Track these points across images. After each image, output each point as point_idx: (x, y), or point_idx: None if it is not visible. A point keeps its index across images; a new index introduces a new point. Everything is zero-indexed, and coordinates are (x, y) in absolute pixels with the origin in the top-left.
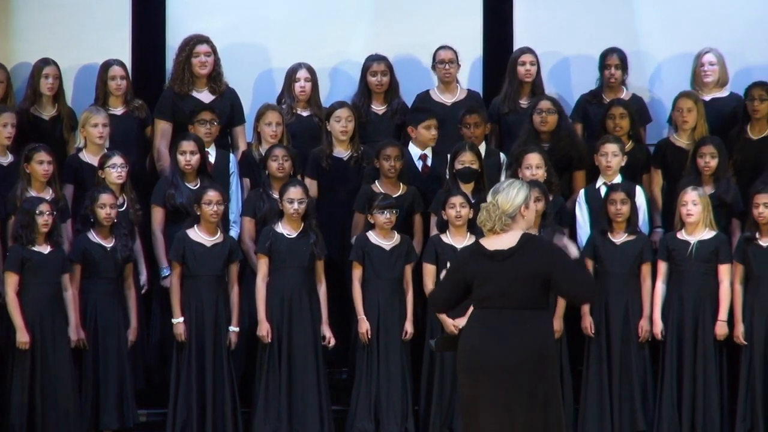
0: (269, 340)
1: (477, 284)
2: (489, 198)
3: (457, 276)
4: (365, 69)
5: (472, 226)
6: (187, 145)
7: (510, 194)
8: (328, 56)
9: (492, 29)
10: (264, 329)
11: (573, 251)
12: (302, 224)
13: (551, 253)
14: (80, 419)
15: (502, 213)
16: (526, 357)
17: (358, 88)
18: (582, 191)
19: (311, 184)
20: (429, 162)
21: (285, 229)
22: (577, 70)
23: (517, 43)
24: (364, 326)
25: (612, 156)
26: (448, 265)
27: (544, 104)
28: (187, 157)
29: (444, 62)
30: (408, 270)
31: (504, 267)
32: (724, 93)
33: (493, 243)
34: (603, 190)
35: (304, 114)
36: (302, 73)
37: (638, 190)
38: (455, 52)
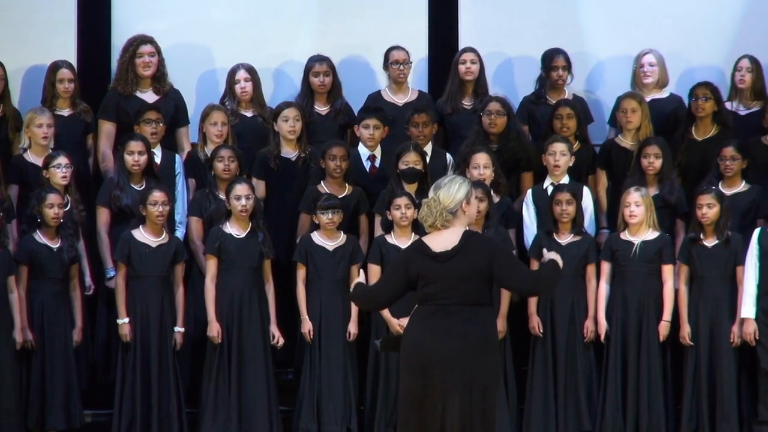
0: (219, 341)
1: (421, 284)
2: (430, 194)
3: (399, 275)
4: (307, 70)
5: (417, 227)
6: (135, 146)
7: (451, 190)
8: (273, 57)
9: (437, 30)
10: (214, 330)
11: (559, 260)
12: (250, 224)
13: (493, 249)
14: (21, 419)
15: (443, 208)
16: (470, 350)
17: (301, 88)
18: (529, 191)
19: (259, 185)
20: (377, 163)
21: (233, 229)
22: (521, 71)
23: (462, 44)
24: (307, 326)
25: (560, 155)
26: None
27: (494, 106)
28: (135, 157)
29: (398, 62)
30: (353, 270)
31: (448, 267)
32: (663, 94)
33: (437, 242)
34: (550, 190)
35: (248, 114)
36: (242, 74)
37: (585, 190)
38: (408, 53)
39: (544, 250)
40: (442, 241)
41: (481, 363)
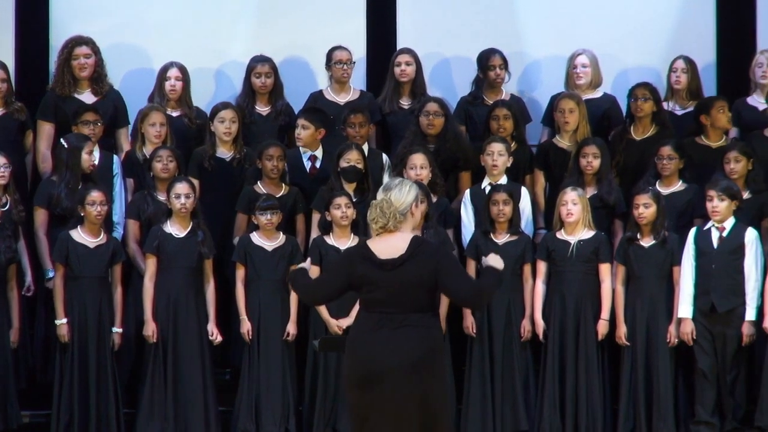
0: (154, 340)
1: (366, 290)
2: (380, 195)
3: (341, 277)
4: (249, 70)
5: (356, 227)
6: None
7: (402, 191)
8: (211, 57)
9: (375, 30)
10: (150, 329)
11: (499, 264)
12: (191, 224)
13: (440, 257)
14: None
15: (395, 210)
16: (418, 360)
17: (242, 89)
18: (467, 192)
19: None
20: (318, 163)
21: (173, 228)
22: (459, 72)
23: (401, 45)
24: (246, 326)
25: (498, 155)
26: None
27: (432, 106)
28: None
29: (341, 62)
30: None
31: (394, 275)
32: (597, 94)
33: (382, 248)
34: (488, 191)
35: (175, 114)
36: (173, 72)
37: (522, 191)
38: (350, 53)
39: (483, 258)
40: (389, 247)
41: (432, 372)
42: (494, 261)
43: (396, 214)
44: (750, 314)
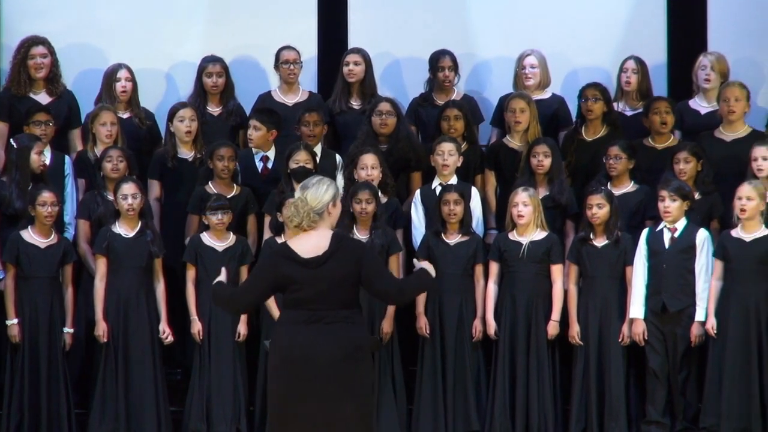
0: (105, 340)
1: (291, 289)
2: (297, 194)
3: (266, 280)
4: (201, 70)
5: None
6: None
7: (319, 191)
8: (163, 57)
9: (326, 31)
10: (101, 329)
11: (432, 272)
12: (139, 224)
13: (363, 253)
14: None
15: (310, 209)
16: (344, 355)
17: (193, 89)
18: (418, 192)
19: (154, 185)
20: (270, 164)
21: (122, 228)
22: (410, 72)
23: (352, 45)
24: (197, 327)
25: (448, 155)
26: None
27: (384, 106)
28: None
29: (288, 62)
30: (243, 271)
31: (320, 272)
32: (545, 95)
33: (304, 247)
34: (439, 191)
35: (125, 116)
36: (123, 73)
37: (473, 191)
38: (298, 53)
39: (415, 261)
40: (311, 245)
41: (358, 369)
42: (427, 266)
43: (310, 213)
44: (699, 315)
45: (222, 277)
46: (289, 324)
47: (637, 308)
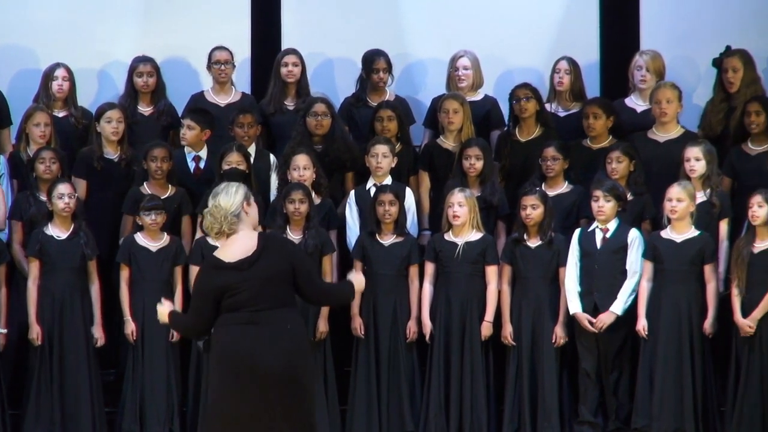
0: (39, 343)
1: (228, 295)
2: (210, 203)
3: (208, 297)
4: (131, 70)
5: None
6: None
7: (230, 194)
8: (96, 57)
9: (260, 31)
10: (34, 332)
11: (360, 287)
12: (72, 225)
13: (292, 251)
14: None
15: (226, 213)
16: (289, 356)
17: (124, 89)
18: (352, 193)
19: (80, 184)
20: (202, 164)
21: (55, 230)
22: (342, 72)
23: (285, 45)
24: (130, 327)
25: (382, 157)
26: None
27: (319, 107)
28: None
29: (219, 63)
30: (176, 271)
31: (251, 274)
32: (478, 96)
33: (231, 252)
34: (373, 192)
35: (61, 115)
36: (60, 72)
37: (407, 192)
38: (231, 53)
39: (353, 273)
40: (237, 249)
41: (301, 367)
42: (359, 281)
43: (227, 216)
44: (615, 307)
45: (167, 305)
46: (229, 324)
47: (575, 304)
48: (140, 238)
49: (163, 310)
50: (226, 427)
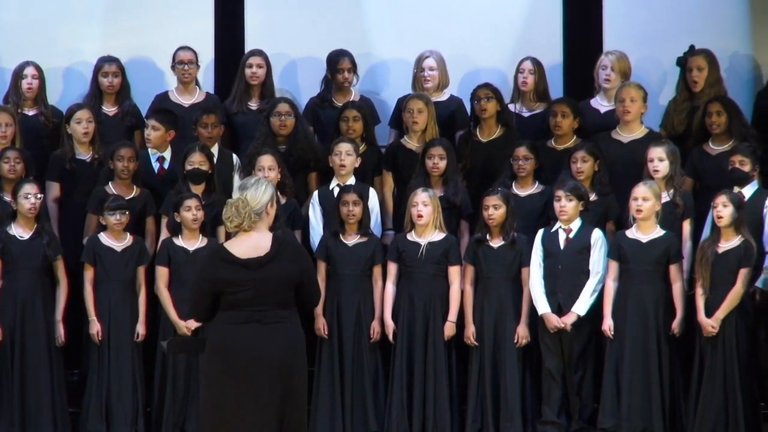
0: None
1: (231, 291)
2: (236, 194)
3: (209, 285)
4: (96, 70)
5: (204, 228)
6: None
7: (258, 191)
8: (61, 56)
9: (223, 31)
10: None
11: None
12: (35, 225)
13: (304, 261)
14: None
15: (250, 210)
16: (290, 354)
17: (89, 89)
18: (315, 193)
19: (53, 187)
20: (166, 164)
21: (18, 230)
22: (306, 72)
23: (249, 45)
24: (95, 327)
25: (346, 155)
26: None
27: (283, 107)
28: None
29: (183, 63)
30: (140, 271)
31: (260, 275)
32: (443, 96)
33: (243, 248)
34: (336, 192)
35: (30, 113)
36: (30, 71)
37: (371, 192)
38: (195, 53)
39: None
40: (251, 246)
41: (297, 368)
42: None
43: (251, 213)
44: (578, 307)
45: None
46: (227, 324)
47: (542, 304)
48: (104, 238)
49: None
50: (221, 415)
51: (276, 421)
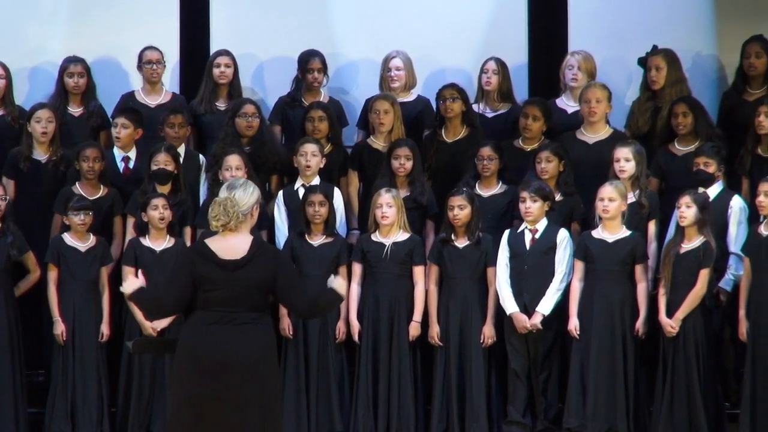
0: None
1: (205, 288)
2: (223, 193)
3: (183, 278)
4: (62, 70)
5: (172, 228)
6: None
7: (246, 192)
8: (27, 56)
9: (189, 31)
10: None
11: (342, 291)
12: (0, 225)
13: (280, 263)
14: None
15: (238, 210)
16: (260, 356)
17: (55, 89)
18: (280, 193)
19: (8, 184)
20: (131, 164)
21: None
22: (273, 72)
23: (215, 46)
24: (60, 328)
25: (311, 156)
26: None
27: (249, 108)
28: None
29: (151, 63)
30: (104, 272)
31: (235, 276)
32: (410, 96)
33: (223, 248)
34: (301, 192)
35: None
36: None
37: (336, 192)
38: (161, 53)
39: (331, 277)
40: (230, 247)
41: (267, 371)
42: (339, 285)
43: (239, 214)
44: (543, 306)
45: (140, 281)
46: (200, 325)
47: (510, 304)
48: (68, 239)
49: (133, 284)
50: (189, 415)
51: (247, 422)
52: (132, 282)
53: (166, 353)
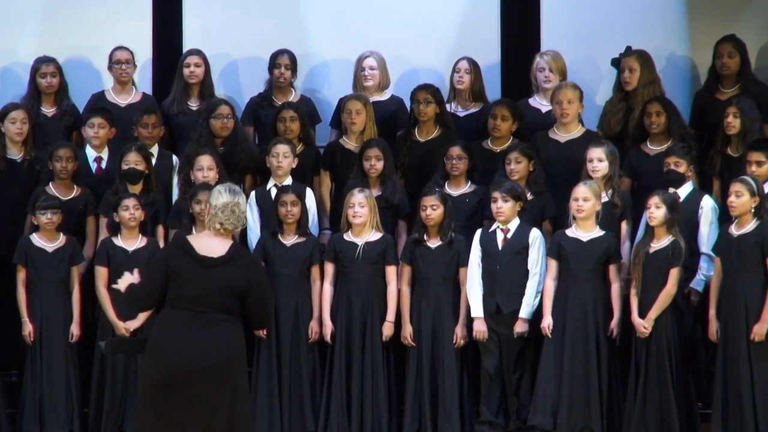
0: None
1: (176, 283)
2: (224, 197)
3: (160, 271)
4: (34, 71)
5: (144, 228)
6: None
7: (243, 198)
8: None
9: (161, 31)
10: None
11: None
12: None
13: (255, 273)
14: None
15: (241, 214)
16: (228, 359)
17: (27, 89)
18: (252, 193)
19: None
20: (104, 164)
21: None
22: (247, 72)
23: (187, 46)
24: (28, 328)
25: (283, 157)
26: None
27: (224, 109)
28: None
29: (120, 62)
30: (74, 272)
31: (210, 274)
32: (384, 96)
33: (205, 246)
34: (274, 192)
35: None
36: None
37: (308, 192)
38: (132, 53)
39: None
40: (211, 246)
41: (241, 371)
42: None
43: (243, 219)
44: (524, 311)
45: (134, 278)
46: (170, 325)
47: (477, 307)
48: (36, 239)
49: (127, 280)
50: (157, 415)
51: (216, 423)
52: (127, 278)
53: (139, 353)
